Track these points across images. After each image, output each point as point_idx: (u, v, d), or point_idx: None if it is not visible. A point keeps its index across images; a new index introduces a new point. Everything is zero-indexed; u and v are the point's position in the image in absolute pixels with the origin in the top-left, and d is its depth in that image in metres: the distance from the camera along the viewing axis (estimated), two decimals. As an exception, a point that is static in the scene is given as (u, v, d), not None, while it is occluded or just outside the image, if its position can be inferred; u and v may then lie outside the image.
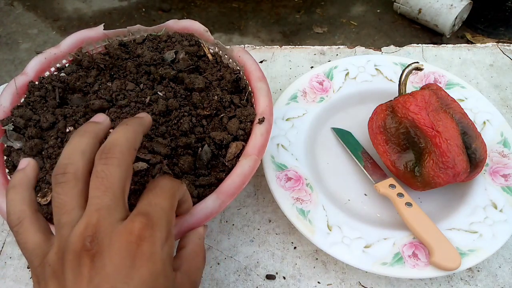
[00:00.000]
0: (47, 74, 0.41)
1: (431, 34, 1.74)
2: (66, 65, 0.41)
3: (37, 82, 0.39)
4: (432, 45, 0.59)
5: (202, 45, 0.42)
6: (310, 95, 0.49)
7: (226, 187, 0.31)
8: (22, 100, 0.38)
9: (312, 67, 0.56)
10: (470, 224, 0.39)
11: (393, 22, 1.81)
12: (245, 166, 0.32)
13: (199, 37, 0.43)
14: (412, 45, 0.59)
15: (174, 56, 0.40)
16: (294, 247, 0.41)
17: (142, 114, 0.29)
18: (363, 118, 0.46)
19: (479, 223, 0.39)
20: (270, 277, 0.39)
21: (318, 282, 0.39)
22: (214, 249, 0.41)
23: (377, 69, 0.51)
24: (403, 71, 0.43)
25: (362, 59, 0.52)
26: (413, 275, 0.36)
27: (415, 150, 0.39)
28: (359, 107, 0.49)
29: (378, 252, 0.37)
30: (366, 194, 0.43)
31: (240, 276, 0.39)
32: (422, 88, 0.42)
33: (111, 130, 0.27)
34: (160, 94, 0.37)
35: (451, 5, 1.62)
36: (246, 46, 0.59)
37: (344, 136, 0.47)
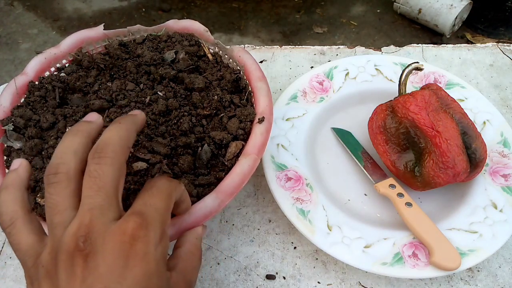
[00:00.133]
0: (47, 74, 0.41)
1: (431, 34, 1.74)
2: (66, 65, 0.41)
3: (37, 82, 0.39)
4: (432, 45, 0.59)
5: (202, 45, 0.42)
6: (310, 95, 0.49)
7: (225, 186, 0.31)
8: (22, 100, 0.38)
9: (312, 67, 0.56)
10: (470, 224, 0.39)
11: (393, 22, 1.81)
12: (244, 165, 0.32)
13: (199, 37, 0.43)
14: (412, 45, 0.59)
15: (174, 56, 0.40)
16: (294, 247, 0.41)
17: (135, 112, 0.29)
18: (363, 118, 0.46)
19: (479, 223, 0.39)
20: (270, 277, 0.39)
21: (318, 282, 0.39)
22: (214, 249, 0.41)
23: (377, 69, 0.51)
24: (403, 71, 0.43)
25: (362, 59, 0.52)
26: (413, 275, 0.36)
27: (415, 150, 0.39)
28: (359, 107, 0.49)
29: (378, 252, 0.37)
30: (366, 194, 0.43)
31: (240, 276, 0.39)
32: (422, 88, 0.42)
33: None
34: (160, 94, 0.37)
35: (451, 5, 1.62)
36: (246, 46, 0.59)
37: (344, 136, 0.47)
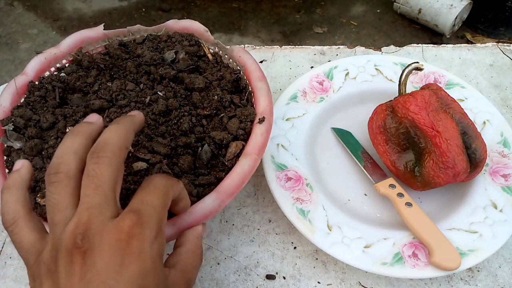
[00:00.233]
0: (47, 74, 0.41)
1: (431, 34, 1.74)
2: (66, 65, 0.41)
3: (37, 82, 0.39)
4: (432, 45, 0.59)
5: (202, 45, 0.42)
6: (310, 95, 0.49)
7: (225, 186, 0.31)
8: (22, 100, 0.38)
9: (312, 67, 0.56)
10: (470, 224, 0.39)
11: (393, 22, 1.81)
12: (244, 166, 0.32)
13: (199, 37, 0.43)
14: (412, 45, 0.59)
15: (174, 56, 0.40)
16: (294, 247, 0.41)
17: (134, 112, 0.29)
18: (363, 118, 0.46)
19: (479, 223, 0.39)
20: (270, 277, 0.39)
21: (318, 282, 0.39)
22: (214, 249, 0.41)
23: (377, 69, 0.51)
24: (403, 71, 0.43)
25: (362, 59, 0.52)
26: (413, 275, 0.36)
27: (415, 150, 0.39)
28: (359, 107, 0.49)
29: (378, 252, 0.37)
30: (366, 194, 0.43)
31: (240, 276, 0.39)
32: (422, 88, 0.42)
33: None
34: (160, 94, 0.37)
35: (451, 5, 1.62)
36: (246, 46, 0.59)
37: (344, 136, 0.47)
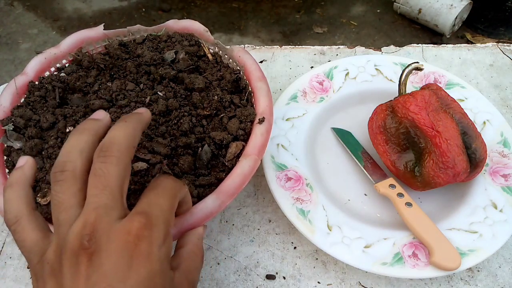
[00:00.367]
0: (47, 74, 0.41)
1: (431, 34, 1.74)
2: (66, 65, 0.41)
3: (37, 82, 0.39)
4: (432, 45, 0.59)
5: (202, 45, 0.42)
6: (310, 95, 0.49)
7: (226, 187, 0.31)
8: (22, 100, 0.38)
9: (312, 67, 0.56)
10: (470, 224, 0.39)
11: (393, 22, 1.81)
12: (245, 166, 0.32)
13: (199, 37, 0.43)
14: (412, 45, 0.59)
15: (174, 56, 0.40)
16: (294, 247, 0.41)
17: (141, 110, 0.29)
18: (363, 118, 0.46)
19: (479, 223, 0.39)
20: (270, 277, 0.39)
21: (318, 282, 0.39)
22: (214, 249, 0.41)
23: (377, 69, 0.51)
24: (403, 71, 0.43)
25: (362, 59, 0.52)
26: (413, 275, 0.36)
27: (415, 150, 0.39)
28: (359, 107, 0.49)
29: (378, 252, 0.37)
30: (366, 194, 0.43)
31: (240, 276, 0.39)
32: (422, 88, 0.42)
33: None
34: (160, 94, 0.37)
35: (451, 5, 1.62)
36: (246, 46, 0.59)
37: (344, 136, 0.47)
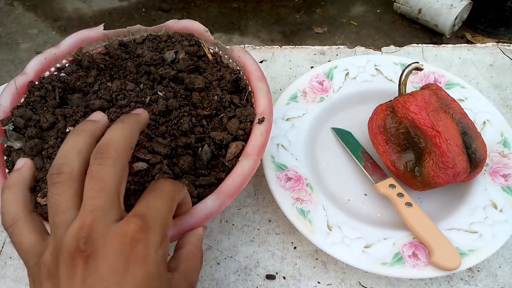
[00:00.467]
0: (47, 74, 0.41)
1: (431, 34, 1.74)
2: (66, 65, 0.41)
3: (37, 82, 0.39)
4: (432, 45, 0.59)
5: (202, 45, 0.42)
6: (310, 95, 0.49)
7: (226, 187, 0.31)
8: (22, 100, 0.38)
9: (312, 67, 0.56)
10: (470, 224, 0.39)
11: (393, 22, 1.81)
12: (245, 166, 0.32)
13: (199, 37, 0.43)
14: (412, 45, 0.59)
15: (174, 56, 0.40)
16: (294, 247, 0.41)
17: (138, 110, 0.28)
18: (363, 118, 0.46)
19: (479, 223, 0.39)
20: (270, 277, 0.39)
21: (318, 282, 0.39)
22: (214, 249, 0.41)
23: (377, 69, 0.51)
24: (403, 71, 0.43)
25: (362, 59, 0.52)
26: (413, 275, 0.36)
27: (415, 150, 0.39)
28: (359, 107, 0.49)
29: (378, 252, 0.37)
30: (366, 194, 0.43)
31: (240, 276, 0.39)
32: (422, 88, 0.42)
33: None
34: (160, 94, 0.37)
35: (451, 5, 1.62)
36: (246, 46, 0.59)
37: (344, 136, 0.47)
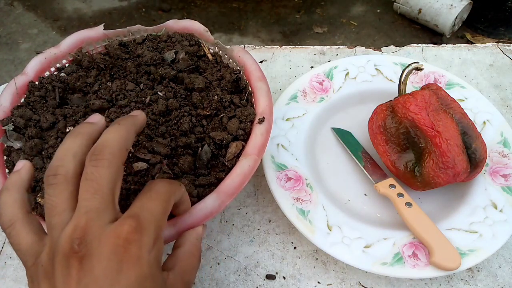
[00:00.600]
0: (47, 74, 0.41)
1: (431, 34, 1.74)
2: (66, 65, 0.41)
3: (37, 82, 0.39)
4: (432, 45, 0.59)
5: (202, 45, 0.42)
6: (310, 95, 0.49)
7: (225, 187, 0.31)
8: (22, 100, 0.38)
9: (312, 67, 0.56)
10: (470, 224, 0.39)
11: (393, 22, 1.81)
12: (244, 166, 0.32)
13: (199, 37, 0.43)
14: (412, 45, 0.59)
15: (174, 56, 0.40)
16: (294, 247, 0.41)
17: (135, 112, 0.29)
18: (363, 118, 0.46)
19: (479, 223, 0.39)
20: (270, 277, 0.39)
21: (318, 282, 0.39)
22: (214, 249, 0.41)
23: (377, 69, 0.51)
24: (403, 71, 0.43)
25: (362, 59, 0.52)
26: (413, 275, 0.36)
27: (415, 150, 0.39)
28: (359, 107, 0.49)
29: (378, 252, 0.37)
30: (366, 194, 0.43)
31: (240, 276, 0.39)
32: (422, 88, 0.42)
33: None
34: (160, 94, 0.37)
35: (451, 5, 1.62)
36: (246, 46, 0.59)
37: (344, 136, 0.47)
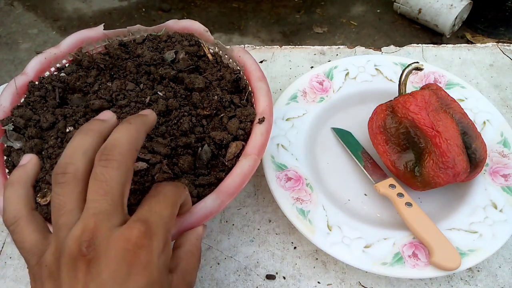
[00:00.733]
0: (47, 74, 0.40)
1: (431, 34, 1.74)
2: (66, 65, 0.41)
3: (37, 82, 0.39)
4: (432, 45, 0.59)
5: (202, 45, 0.42)
6: (310, 95, 0.49)
7: (225, 187, 0.31)
8: (22, 100, 0.38)
9: (312, 67, 0.56)
10: (470, 224, 0.39)
11: (393, 22, 1.81)
12: (244, 166, 0.32)
13: (199, 37, 0.43)
14: (412, 45, 0.59)
15: (174, 56, 0.40)
16: (294, 247, 0.41)
17: (146, 111, 0.28)
18: (363, 118, 0.46)
19: (479, 223, 0.39)
20: (270, 277, 0.39)
21: (318, 282, 0.39)
22: (214, 249, 0.41)
23: (377, 69, 0.51)
24: (403, 71, 0.43)
25: (362, 59, 0.52)
26: (413, 275, 0.36)
27: (415, 150, 0.39)
28: (359, 107, 0.49)
29: (378, 252, 0.37)
30: (366, 194, 0.43)
31: (240, 276, 0.39)
32: (422, 88, 0.42)
33: None
34: (160, 94, 0.37)
35: (451, 5, 1.62)
36: (246, 46, 0.59)
37: (344, 136, 0.47)
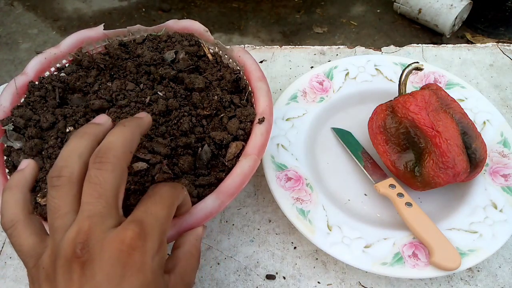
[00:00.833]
0: (47, 74, 0.41)
1: (431, 34, 1.74)
2: (66, 65, 0.41)
3: (37, 82, 0.39)
4: (432, 45, 0.59)
5: (202, 45, 0.42)
6: (310, 95, 0.49)
7: (225, 187, 0.31)
8: (22, 100, 0.38)
9: (312, 67, 0.56)
10: (470, 224, 0.39)
11: (393, 22, 1.81)
12: (245, 166, 0.32)
13: (199, 37, 0.43)
14: (412, 45, 0.59)
15: (174, 56, 0.40)
16: (294, 247, 0.41)
17: (141, 114, 0.28)
18: (363, 118, 0.46)
19: (479, 223, 0.39)
20: (270, 277, 0.39)
21: (318, 282, 0.39)
22: (214, 249, 0.41)
23: (377, 69, 0.51)
24: (403, 71, 0.43)
25: (362, 59, 0.52)
26: (413, 275, 0.36)
27: (415, 150, 0.39)
28: (359, 107, 0.49)
29: (378, 252, 0.37)
30: (366, 194, 0.43)
31: (240, 276, 0.39)
32: (422, 88, 0.42)
33: None
34: (160, 94, 0.37)
35: (451, 5, 1.62)
36: (246, 46, 0.59)
37: (344, 136, 0.47)
